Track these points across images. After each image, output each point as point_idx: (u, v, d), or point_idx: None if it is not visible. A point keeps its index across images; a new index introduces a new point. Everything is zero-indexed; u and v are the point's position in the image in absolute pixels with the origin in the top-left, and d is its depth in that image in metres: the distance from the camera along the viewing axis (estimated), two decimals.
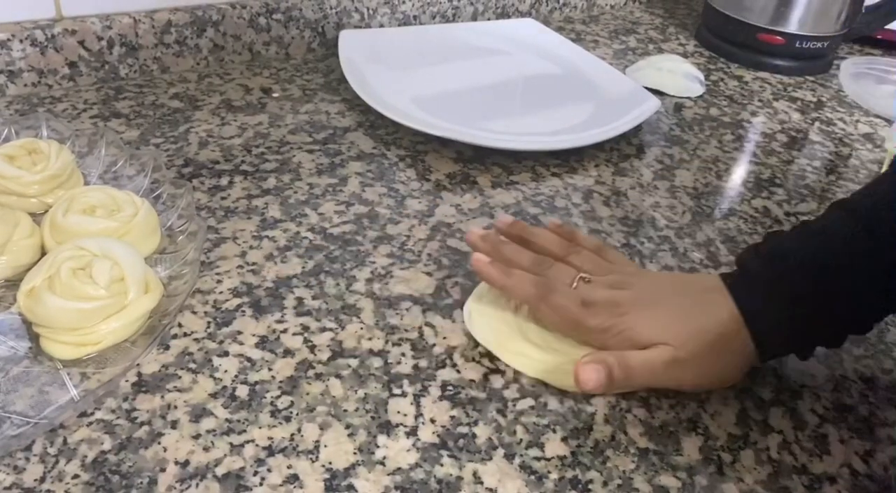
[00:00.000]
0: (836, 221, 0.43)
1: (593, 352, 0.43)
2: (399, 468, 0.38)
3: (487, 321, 0.47)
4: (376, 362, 0.45)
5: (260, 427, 0.40)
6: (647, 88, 0.80)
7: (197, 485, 0.37)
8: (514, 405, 0.43)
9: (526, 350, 0.45)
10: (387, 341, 0.46)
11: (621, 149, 0.72)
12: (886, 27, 0.98)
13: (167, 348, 0.44)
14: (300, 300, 0.49)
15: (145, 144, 0.64)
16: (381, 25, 0.88)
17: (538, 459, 0.40)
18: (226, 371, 0.43)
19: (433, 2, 0.91)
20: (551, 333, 0.46)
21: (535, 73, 0.84)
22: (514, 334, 0.46)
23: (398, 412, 0.42)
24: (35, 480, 0.36)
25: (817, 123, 0.81)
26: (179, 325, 0.46)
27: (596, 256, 0.49)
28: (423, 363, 0.45)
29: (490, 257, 0.47)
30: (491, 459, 0.40)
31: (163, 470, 0.37)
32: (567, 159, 0.68)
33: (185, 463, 0.38)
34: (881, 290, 0.41)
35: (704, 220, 0.62)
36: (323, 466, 0.38)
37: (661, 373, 0.42)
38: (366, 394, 0.43)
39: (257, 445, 0.39)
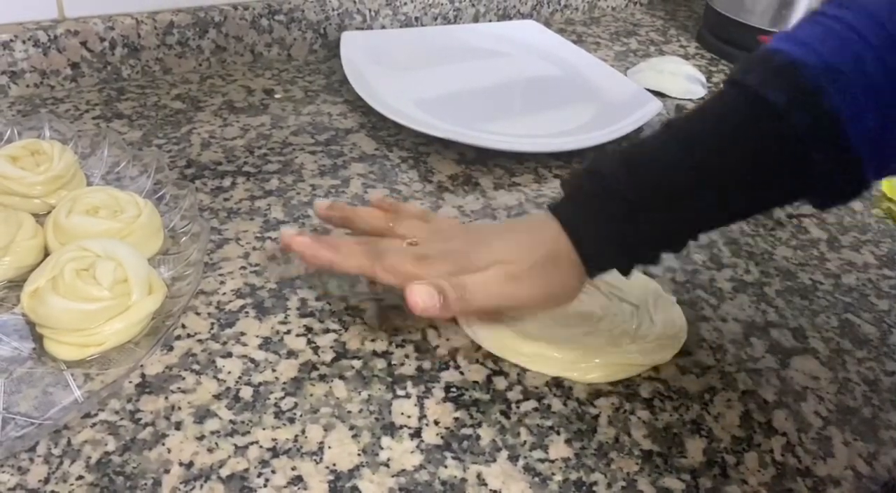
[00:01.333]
0: (654, 141, 0.43)
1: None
2: (403, 470, 0.38)
3: (491, 330, 0.47)
4: (380, 364, 0.45)
5: (264, 429, 0.40)
6: (648, 89, 0.80)
7: (201, 486, 0.37)
8: (518, 407, 0.43)
9: (540, 350, 0.45)
10: (390, 343, 0.46)
11: None
12: None
13: (171, 349, 0.44)
14: (303, 301, 0.49)
15: (148, 145, 0.64)
16: (383, 27, 0.88)
17: (542, 461, 0.40)
18: (229, 372, 0.43)
19: (435, 3, 0.91)
20: (557, 329, 0.47)
21: (536, 74, 0.84)
22: (520, 336, 0.46)
23: (402, 414, 0.42)
24: (39, 481, 0.36)
25: None
26: (183, 326, 0.46)
27: (420, 222, 0.49)
28: (426, 365, 0.45)
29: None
30: (495, 461, 0.40)
31: (167, 472, 0.37)
32: (569, 161, 0.68)
33: (189, 465, 0.38)
34: (691, 210, 0.42)
35: None
36: (327, 467, 0.38)
37: (498, 290, 0.43)
38: (369, 395, 0.42)
39: (261, 446, 0.39)
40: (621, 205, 0.42)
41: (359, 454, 0.39)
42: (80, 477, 0.37)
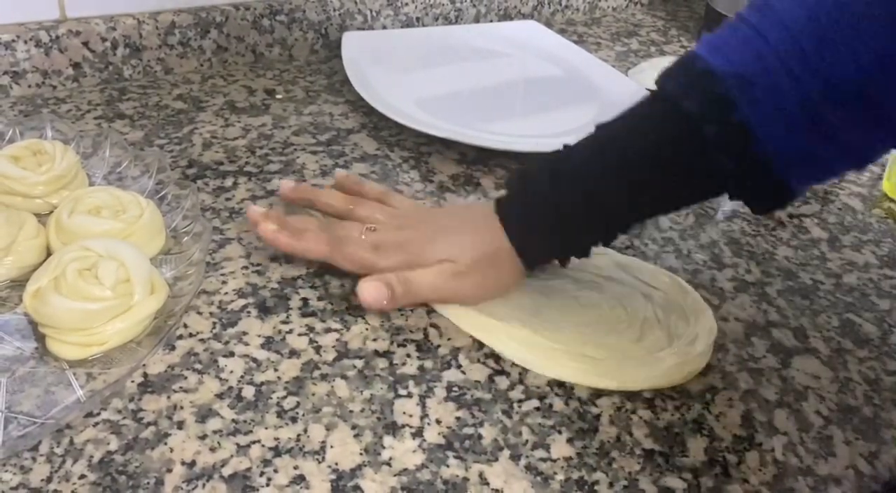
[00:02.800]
0: (580, 146, 0.48)
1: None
2: (405, 469, 0.38)
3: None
4: (381, 363, 0.45)
5: (266, 428, 0.40)
6: (649, 90, 0.80)
7: (203, 486, 0.37)
8: (520, 406, 0.43)
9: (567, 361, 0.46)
10: (392, 342, 0.46)
11: None
12: None
13: (173, 348, 0.44)
14: (305, 301, 0.49)
15: (149, 146, 0.64)
16: (384, 27, 0.89)
17: (544, 460, 0.40)
18: (231, 372, 0.43)
19: (436, 4, 0.91)
20: (560, 329, 0.47)
21: (537, 75, 0.84)
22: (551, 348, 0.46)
23: (404, 413, 0.42)
24: (42, 480, 0.36)
25: None
26: (185, 326, 0.46)
27: (380, 205, 0.52)
28: (428, 364, 0.45)
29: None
30: (497, 460, 0.40)
31: (169, 471, 0.37)
32: None
33: (192, 464, 0.38)
34: (612, 211, 0.46)
35: (708, 222, 0.62)
36: (329, 467, 0.38)
37: (442, 285, 0.47)
38: (371, 395, 0.43)
39: (263, 445, 0.39)
40: (550, 209, 0.46)
41: (361, 454, 0.39)
42: (83, 476, 0.37)
